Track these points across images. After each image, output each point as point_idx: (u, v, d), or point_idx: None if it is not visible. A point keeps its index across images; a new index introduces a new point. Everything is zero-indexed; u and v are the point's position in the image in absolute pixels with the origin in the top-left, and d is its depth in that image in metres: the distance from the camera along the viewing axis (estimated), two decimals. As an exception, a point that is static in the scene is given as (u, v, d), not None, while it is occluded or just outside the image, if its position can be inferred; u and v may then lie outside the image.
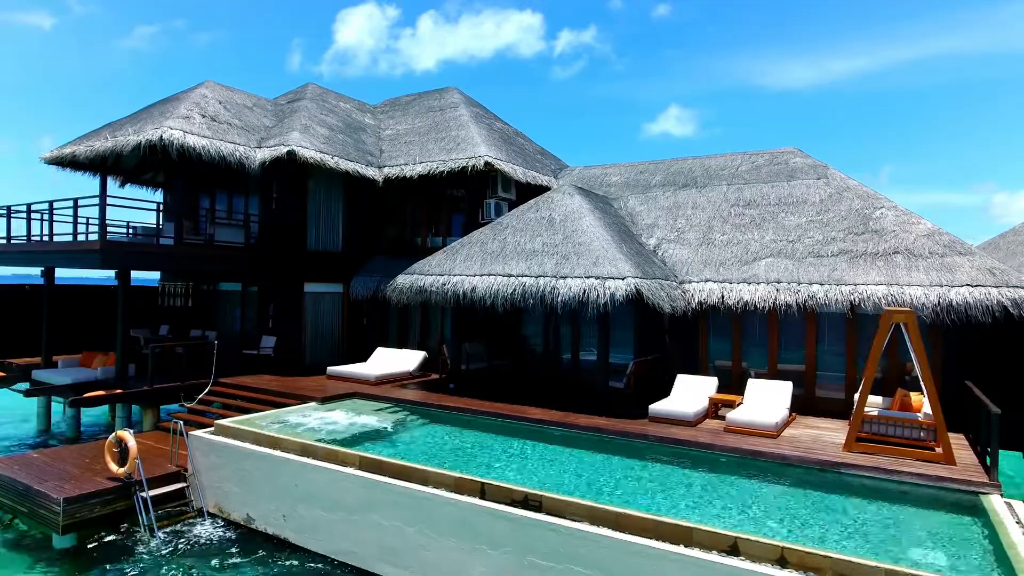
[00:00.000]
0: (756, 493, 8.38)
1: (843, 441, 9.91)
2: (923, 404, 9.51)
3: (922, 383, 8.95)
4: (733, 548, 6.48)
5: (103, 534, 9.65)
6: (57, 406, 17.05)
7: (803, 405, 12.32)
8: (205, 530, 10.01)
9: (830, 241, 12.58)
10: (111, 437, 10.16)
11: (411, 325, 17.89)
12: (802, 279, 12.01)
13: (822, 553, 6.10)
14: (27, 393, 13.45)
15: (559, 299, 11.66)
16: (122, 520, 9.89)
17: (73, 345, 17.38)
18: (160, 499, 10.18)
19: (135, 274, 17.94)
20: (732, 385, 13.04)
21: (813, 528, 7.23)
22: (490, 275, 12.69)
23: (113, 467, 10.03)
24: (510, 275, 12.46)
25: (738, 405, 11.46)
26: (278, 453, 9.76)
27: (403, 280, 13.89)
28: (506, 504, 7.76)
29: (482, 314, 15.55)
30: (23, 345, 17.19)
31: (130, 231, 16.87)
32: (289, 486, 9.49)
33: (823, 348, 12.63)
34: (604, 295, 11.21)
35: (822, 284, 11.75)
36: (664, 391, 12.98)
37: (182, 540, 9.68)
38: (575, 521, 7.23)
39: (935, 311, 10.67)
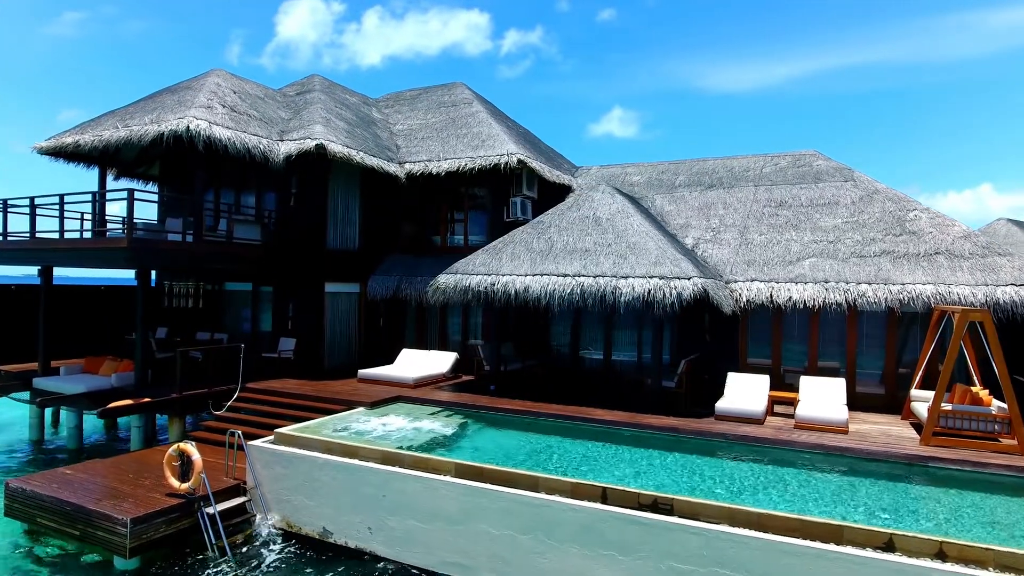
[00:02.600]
0: (856, 487, 8.58)
1: (911, 435, 10.34)
2: (991, 399, 9.97)
3: (999, 378, 9.37)
4: (888, 544, 6.59)
5: (168, 556, 8.96)
6: (42, 413, 15.74)
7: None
8: (276, 546, 9.44)
9: (870, 242, 13.04)
10: (171, 450, 9.42)
11: (429, 326, 17.45)
12: (849, 279, 12.39)
13: (983, 546, 6.29)
14: (40, 404, 12.30)
15: (622, 299, 11.60)
16: (186, 539, 9.20)
17: (65, 349, 16.07)
18: (222, 515, 9.52)
19: (126, 273, 16.80)
20: (773, 383, 13.31)
21: (931, 519, 7.49)
22: (544, 275, 12.49)
23: (174, 482, 9.31)
24: (566, 275, 12.31)
25: (797, 402, 11.71)
26: (359, 462, 9.29)
27: (446, 280, 13.51)
28: (632, 508, 7.66)
29: (513, 314, 15.39)
30: (9, 350, 15.77)
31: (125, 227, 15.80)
32: (375, 497, 9.05)
33: (860, 345, 13.08)
34: (671, 295, 11.22)
35: (870, 283, 12.16)
36: (709, 389, 13.18)
37: (253, 558, 9.10)
38: (712, 523, 7.20)
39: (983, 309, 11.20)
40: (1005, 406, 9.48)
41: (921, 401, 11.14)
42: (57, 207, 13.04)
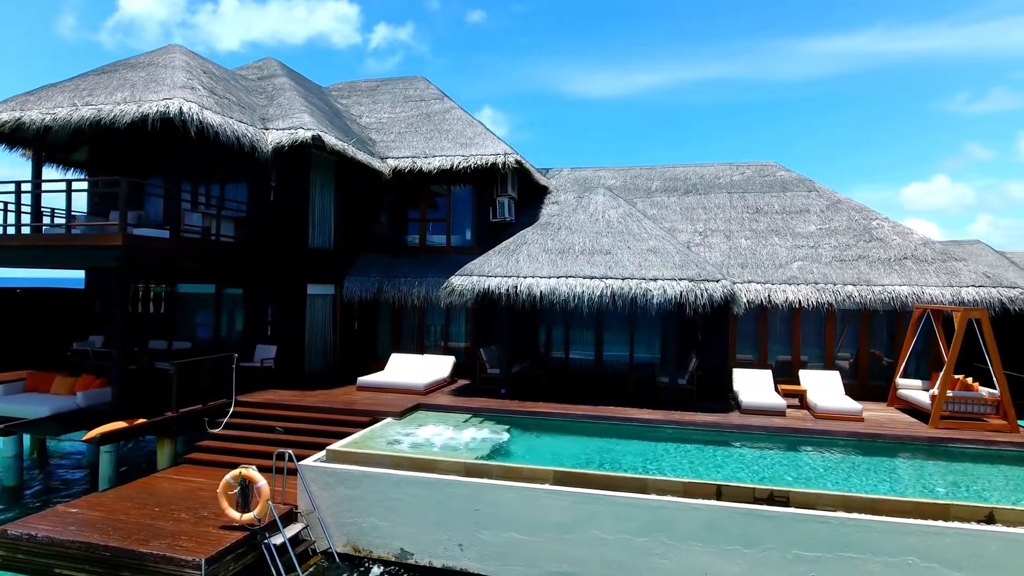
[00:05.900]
0: (903, 469, 9.62)
1: (911, 420, 11.72)
2: (977, 385, 11.55)
3: (992, 369, 10.89)
4: (989, 517, 7.48)
5: (238, 596, 7.93)
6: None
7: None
8: (350, 574, 8.68)
9: (846, 247, 14.50)
10: (227, 477, 8.31)
11: (406, 328, 16.74)
12: (836, 281, 13.69)
13: (1069, 512, 7.36)
14: (2, 431, 10.14)
15: (653, 301, 11.96)
16: (251, 576, 8.19)
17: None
18: (281, 546, 8.58)
19: (60, 273, 14.64)
20: (762, 376, 14.37)
21: (973, 490, 8.68)
22: (571, 276, 12.51)
23: (233, 514, 8.22)
24: (592, 276, 12.43)
25: (803, 394, 12.77)
26: (441, 476, 8.80)
27: (460, 281, 13.07)
28: (748, 503, 8.00)
29: (515, 316, 15.24)
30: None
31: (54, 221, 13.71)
32: (465, 512, 8.62)
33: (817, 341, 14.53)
34: (702, 297, 11.77)
35: (855, 285, 13.54)
36: (708, 385, 13.98)
37: (331, 589, 8.33)
38: (828, 511, 7.72)
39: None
40: (995, 391, 11.05)
41: (907, 389, 12.64)
42: (12, 195, 10.86)
